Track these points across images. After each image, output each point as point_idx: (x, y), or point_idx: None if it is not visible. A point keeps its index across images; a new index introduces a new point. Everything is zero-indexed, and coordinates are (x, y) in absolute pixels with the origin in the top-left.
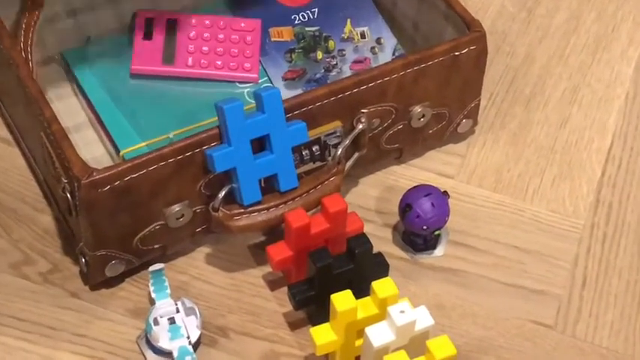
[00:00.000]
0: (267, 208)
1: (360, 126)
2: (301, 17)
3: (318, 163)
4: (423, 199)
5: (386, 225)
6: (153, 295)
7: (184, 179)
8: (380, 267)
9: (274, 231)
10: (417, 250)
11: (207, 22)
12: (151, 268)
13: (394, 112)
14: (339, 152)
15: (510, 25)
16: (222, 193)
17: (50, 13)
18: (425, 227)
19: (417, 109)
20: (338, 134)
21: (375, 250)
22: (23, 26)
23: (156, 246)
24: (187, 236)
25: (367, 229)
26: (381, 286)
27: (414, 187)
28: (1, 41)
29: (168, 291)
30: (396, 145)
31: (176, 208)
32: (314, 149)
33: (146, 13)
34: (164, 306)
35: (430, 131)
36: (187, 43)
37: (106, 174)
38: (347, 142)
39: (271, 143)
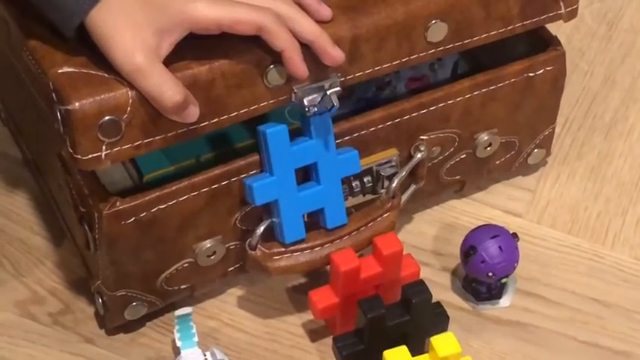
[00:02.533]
0: (311, 248)
1: (419, 155)
2: None
3: (369, 196)
4: (490, 242)
5: (444, 269)
6: (178, 344)
7: (218, 212)
8: (439, 319)
9: (317, 273)
10: (479, 299)
11: None
12: (177, 313)
13: (457, 139)
14: (394, 185)
15: (589, 42)
16: (260, 229)
17: None
18: (490, 274)
19: (484, 136)
20: (393, 164)
21: (432, 299)
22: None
23: (183, 286)
24: (218, 276)
25: (423, 273)
26: (442, 342)
27: (480, 226)
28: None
29: (196, 339)
30: (458, 177)
31: (207, 244)
32: (365, 180)
33: None
34: (191, 356)
35: (497, 162)
36: None
37: (131, 204)
38: (404, 173)
39: (318, 173)
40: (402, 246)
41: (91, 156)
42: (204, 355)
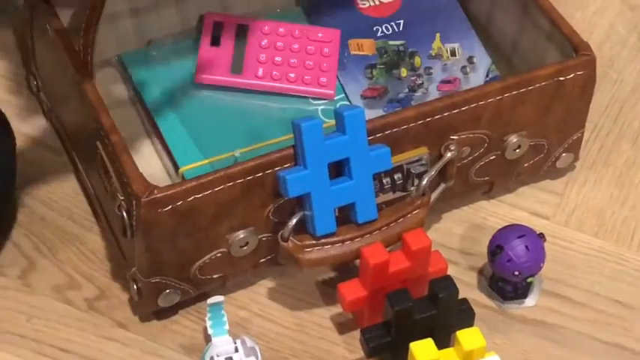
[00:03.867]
0: (342, 241)
1: (449, 154)
2: (384, 29)
3: (399, 193)
4: (517, 241)
5: (471, 268)
6: (210, 331)
7: (252, 203)
8: (465, 315)
9: (346, 267)
10: (505, 298)
11: (281, 29)
12: (210, 301)
13: (487, 140)
14: (424, 182)
15: (619, 51)
16: (293, 221)
17: (109, 12)
18: (517, 273)
19: (513, 138)
20: (423, 162)
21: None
22: (83, 26)
23: (215, 276)
24: (250, 267)
25: (450, 271)
26: (467, 337)
27: (507, 226)
28: (58, 42)
29: (227, 327)
30: (487, 178)
31: (241, 234)
32: (396, 177)
33: (215, 17)
34: (222, 344)
35: (525, 164)
36: (258, 52)
37: (169, 192)
38: (434, 171)
39: (351, 168)
40: (430, 242)
41: None
42: (235, 343)
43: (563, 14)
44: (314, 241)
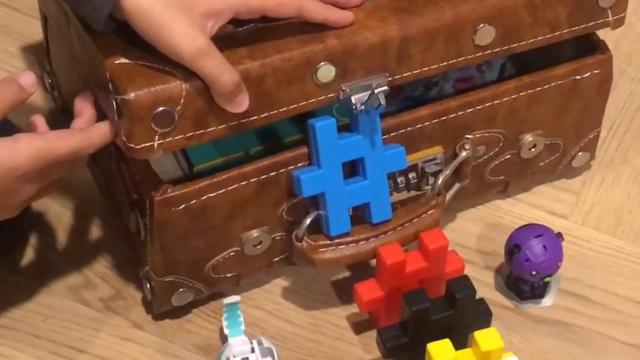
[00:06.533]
0: (357, 241)
1: (464, 153)
2: None
3: (413, 193)
4: (534, 241)
5: (488, 267)
6: (226, 331)
7: (265, 202)
8: (482, 315)
9: (363, 267)
10: (522, 298)
11: None
12: (226, 301)
13: (502, 139)
14: (439, 182)
15: (637, 48)
16: (307, 221)
17: None
18: (534, 272)
19: (528, 137)
20: (438, 161)
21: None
22: None
23: (229, 275)
24: (264, 266)
25: (467, 270)
26: (485, 337)
27: (524, 226)
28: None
29: (243, 327)
30: (502, 178)
31: (254, 233)
32: (410, 176)
33: None
34: (238, 344)
35: (541, 163)
36: None
37: (182, 191)
38: (448, 171)
39: (365, 168)
40: (447, 241)
41: (144, 145)
42: (251, 343)
43: None
44: (328, 241)
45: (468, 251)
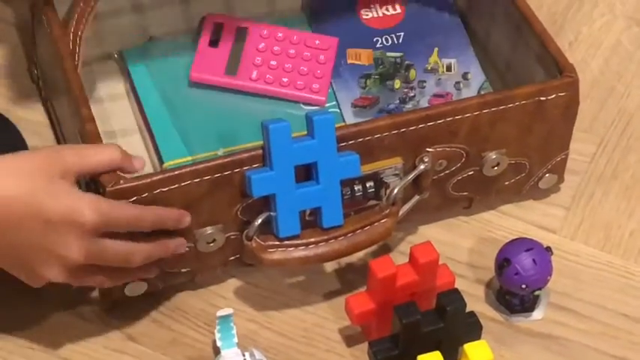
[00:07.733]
0: (306, 244)
1: (422, 166)
2: (384, 41)
3: (373, 202)
4: (524, 255)
5: (478, 281)
6: (218, 343)
7: (220, 201)
8: (472, 328)
9: (353, 280)
10: (512, 311)
11: (279, 34)
12: (219, 313)
13: (464, 155)
14: (395, 192)
15: (627, 65)
16: (258, 221)
17: (113, 7)
18: (524, 286)
19: (492, 155)
20: (396, 172)
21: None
22: (75, 17)
23: (183, 270)
24: (218, 264)
25: (457, 284)
26: (475, 350)
27: (514, 240)
28: (51, 31)
29: (236, 339)
30: (465, 194)
31: (208, 230)
32: (368, 185)
33: (216, 18)
34: (231, 356)
35: (506, 182)
36: (255, 54)
37: (135, 184)
38: (404, 182)
39: (318, 173)
40: (438, 255)
41: None
42: (244, 356)
43: (569, 30)
44: (277, 242)
45: (458, 265)
